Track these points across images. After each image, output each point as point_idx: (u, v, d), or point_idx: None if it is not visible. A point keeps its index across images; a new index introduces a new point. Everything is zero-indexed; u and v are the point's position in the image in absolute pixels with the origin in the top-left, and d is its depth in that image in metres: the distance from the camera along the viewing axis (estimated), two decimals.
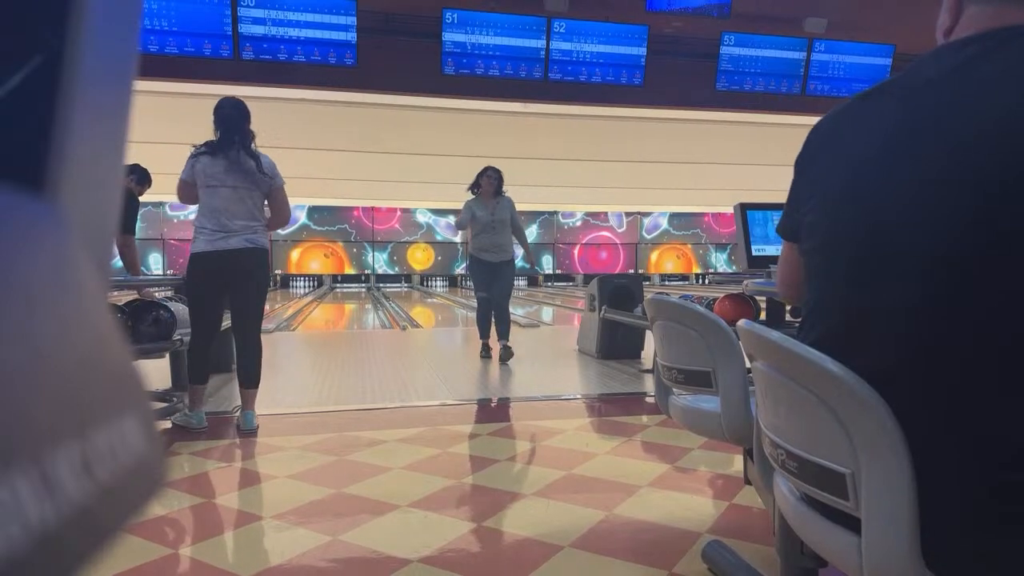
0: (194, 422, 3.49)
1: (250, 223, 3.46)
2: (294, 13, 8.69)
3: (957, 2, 0.98)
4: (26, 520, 0.20)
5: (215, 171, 3.41)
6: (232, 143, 3.44)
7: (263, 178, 3.49)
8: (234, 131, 3.46)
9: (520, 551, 2.07)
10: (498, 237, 5.69)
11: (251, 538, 2.24)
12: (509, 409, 4.16)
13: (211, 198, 3.41)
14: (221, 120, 3.48)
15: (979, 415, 0.83)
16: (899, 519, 0.85)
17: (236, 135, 3.46)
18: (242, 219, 3.43)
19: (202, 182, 3.42)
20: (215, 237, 3.40)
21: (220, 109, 3.50)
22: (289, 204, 3.68)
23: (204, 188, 3.42)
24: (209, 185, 3.41)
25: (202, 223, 3.44)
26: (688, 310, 1.79)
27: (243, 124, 3.49)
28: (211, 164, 3.42)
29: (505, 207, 5.74)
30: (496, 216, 5.68)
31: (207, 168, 3.41)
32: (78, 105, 0.26)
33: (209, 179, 3.41)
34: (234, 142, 3.44)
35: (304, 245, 20.45)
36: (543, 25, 9.35)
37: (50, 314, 0.23)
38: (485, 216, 5.67)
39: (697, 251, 23.19)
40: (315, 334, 9.21)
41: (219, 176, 3.41)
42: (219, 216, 3.40)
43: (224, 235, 3.40)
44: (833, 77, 10.33)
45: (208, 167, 3.41)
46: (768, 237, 2.76)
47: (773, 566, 1.63)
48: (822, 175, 1.05)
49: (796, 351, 0.96)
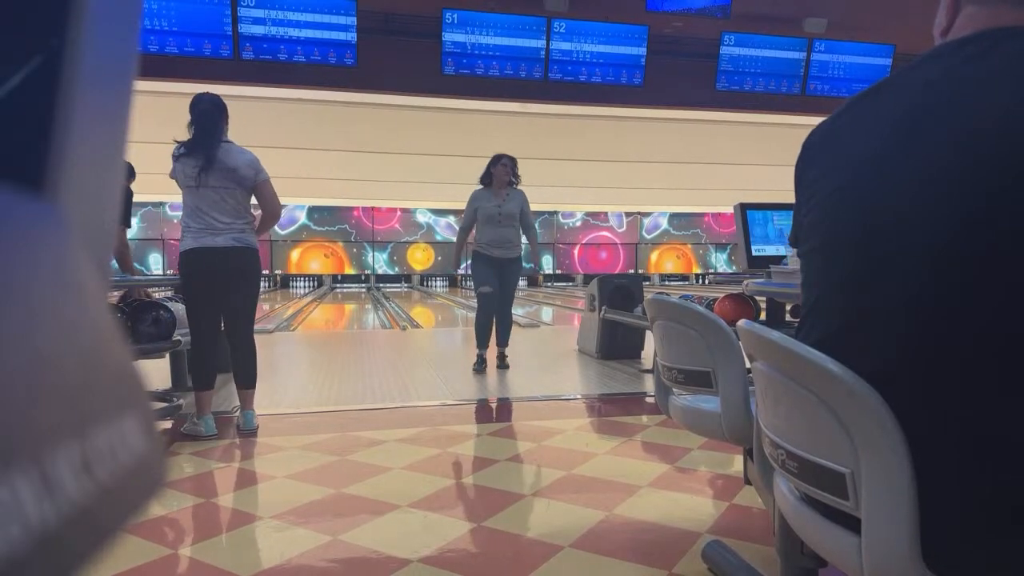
0: (202, 430, 3.39)
1: (236, 221, 3.40)
2: (294, 13, 8.69)
3: (954, 2, 0.98)
4: (26, 520, 0.20)
5: (191, 171, 3.34)
6: (209, 142, 3.35)
7: (247, 175, 3.41)
8: (211, 129, 3.36)
9: (520, 551, 2.07)
10: (505, 231, 5.24)
11: (251, 538, 2.24)
12: (509, 409, 4.16)
13: (193, 198, 3.36)
14: (197, 116, 3.38)
15: (979, 415, 0.83)
16: (899, 519, 0.85)
17: (213, 133, 3.36)
18: (227, 218, 3.37)
19: (182, 182, 3.37)
20: (201, 235, 3.35)
21: (197, 105, 3.39)
22: (278, 198, 3.58)
23: (185, 188, 3.37)
24: (188, 186, 3.36)
25: (187, 223, 3.40)
26: (688, 310, 1.79)
27: (220, 121, 3.40)
28: (189, 164, 3.34)
29: (515, 200, 5.28)
30: (504, 209, 5.22)
31: (186, 168, 3.35)
32: (78, 105, 0.26)
33: (187, 179, 3.35)
34: (211, 141, 3.35)
35: (304, 245, 20.45)
36: (543, 25, 9.35)
37: (50, 314, 0.23)
38: (491, 208, 5.23)
39: (697, 251, 23.19)
40: (315, 334, 9.21)
41: (196, 176, 3.34)
42: (202, 216, 3.35)
43: (211, 233, 3.35)
44: (833, 77, 10.33)
45: (187, 167, 3.35)
46: (768, 237, 2.76)
47: (773, 566, 1.63)
48: (820, 176, 1.05)
49: (796, 351, 0.96)
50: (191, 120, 3.40)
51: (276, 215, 3.64)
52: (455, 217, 21.35)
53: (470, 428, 3.63)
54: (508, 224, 5.24)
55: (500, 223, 5.21)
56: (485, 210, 5.25)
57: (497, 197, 5.26)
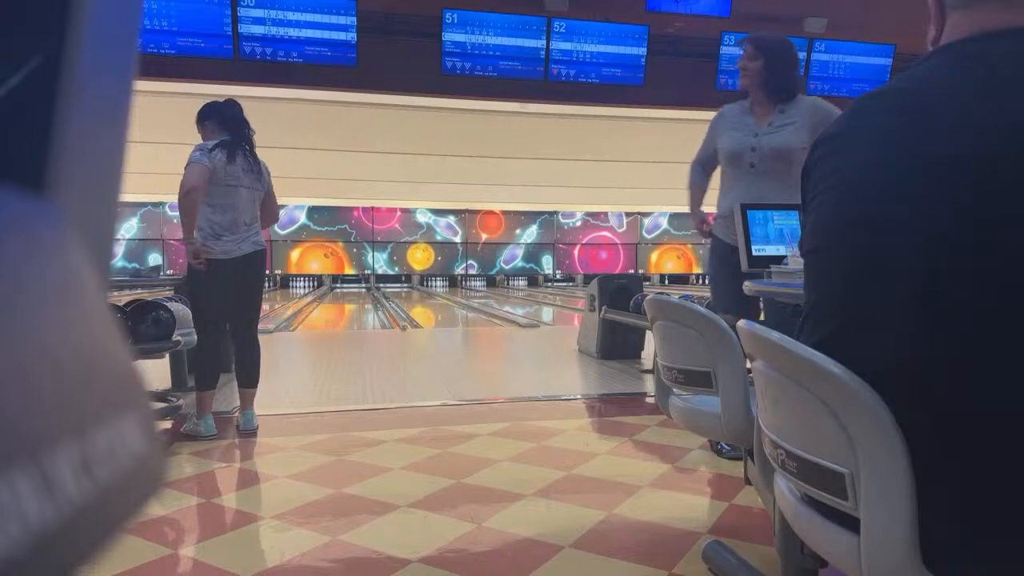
0: (202, 430, 3.40)
1: (255, 224, 3.56)
2: (294, 13, 8.69)
3: (939, 12, 0.99)
4: (26, 520, 0.20)
5: (234, 170, 3.42)
6: (243, 144, 3.50)
7: (265, 179, 3.60)
8: (244, 132, 3.52)
9: (520, 551, 2.07)
10: (765, 183, 2.89)
11: (251, 538, 2.24)
12: (509, 409, 4.16)
13: (231, 198, 3.42)
14: (229, 121, 3.51)
15: (978, 415, 0.83)
16: (898, 519, 0.85)
17: (247, 135, 3.53)
18: (252, 219, 3.52)
19: (220, 179, 3.39)
20: (233, 242, 3.43)
21: (226, 110, 3.54)
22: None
23: (224, 187, 3.40)
24: (229, 184, 3.41)
25: (219, 224, 3.41)
26: (688, 310, 1.79)
27: (247, 125, 3.56)
28: (229, 163, 3.41)
29: (796, 119, 2.86)
30: (766, 142, 2.89)
31: (226, 167, 3.39)
32: (78, 105, 0.26)
33: (229, 178, 3.40)
34: (245, 144, 3.51)
35: (304, 245, 20.45)
36: (543, 25, 9.35)
37: (50, 314, 0.23)
38: (742, 141, 2.95)
39: (697, 251, 23.19)
40: (315, 334, 9.21)
41: (238, 175, 3.43)
42: (238, 217, 3.44)
43: (236, 239, 3.44)
44: (833, 77, 10.33)
45: (225, 166, 3.40)
46: (768, 237, 2.76)
47: (773, 566, 1.63)
48: (824, 177, 1.05)
49: (796, 351, 0.96)
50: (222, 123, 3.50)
51: (278, 217, 3.89)
52: (455, 217, 21.38)
53: (470, 428, 3.63)
54: (771, 172, 2.89)
55: (754, 169, 2.93)
56: (728, 147, 3.01)
57: (757, 117, 2.95)
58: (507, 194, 19.17)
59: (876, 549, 0.88)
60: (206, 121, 3.54)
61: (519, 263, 22.18)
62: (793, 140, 2.85)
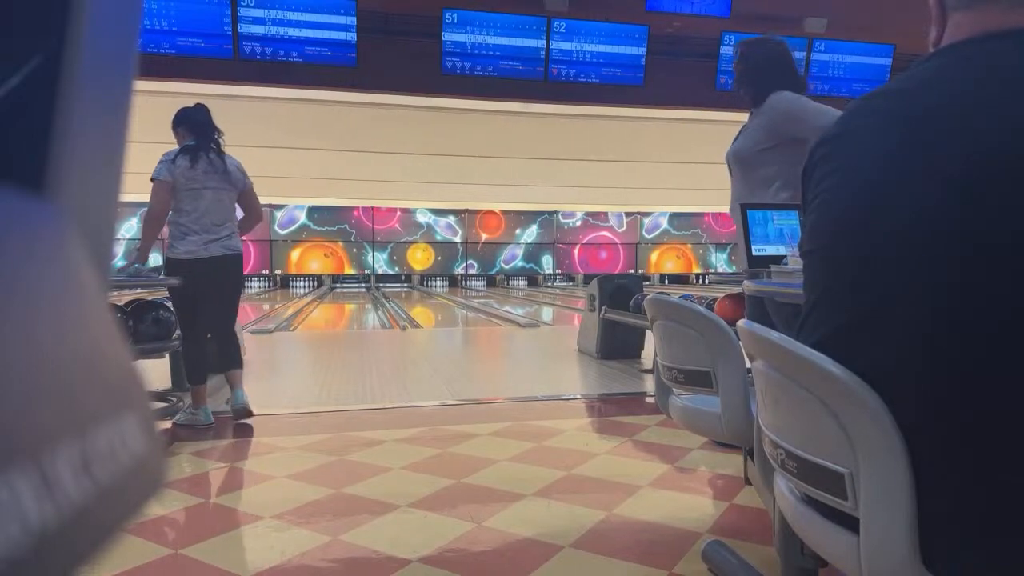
0: (201, 418, 3.52)
1: (227, 224, 3.59)
2: (294, 13, 8.69)
3: (940, 14, 0.99)
4: (26, 520, 0.20)
5: (195, 174, 3.49)
6: (209, 145, 3.56)
7: (239, 178, 3.65)
8: (211, 133, 3.58)
9: (520, 551, 2.07)
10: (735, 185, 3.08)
11: (251, 538, 2.24)
12: (509, 409, 4.16)
13: (196, 201, 3.49)
14: (196, 125, 3.59)
15: (978, 415, 0.83)
16: (898, 519, 0.85)
17: (213, 137, 3.58)
18: (222, 221, 3.55)
19: (183, 185, 3.48)
20: (198, 243, 3.48)
21: (191, 116, 3.62)
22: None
23: (186, 191, 3.49)
24: (191, 188, 3.48)
25: (186, 226, 3.49)
26: (688, 310, 1.79)
27: (214, 128, 3.63)
28: (191, 167, 3.48)
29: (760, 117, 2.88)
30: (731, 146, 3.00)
31: (186, 172, 3.48)
32: (78, 105, 0.26)
33: (191, 182, 3.48)
34: (211, 145, 3.56)
35: (304, 245, 20.45)
36: (543, 25, 9.36)
37: (50, 314, 0.23)
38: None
39: (697, 251, 23.19)
40: (315, 334, 9.21)
41: (200, 179, 3.49)
42: (202, 218, 3.49)
43: (206, 241, 3.49)
44: (833, 77, 10.33)
45: (187, 170, 3.48)
46: (768, 237, 2.76)
47: (773, 566, 1.63)
48: (825, 177, 1.05)
49: (796, 351, 0.96)
50: (188, 127, 3.60)
51: (260, 219, 3.92)
52: (455, 217, 21.39)
53: (470, 428, 3.63)
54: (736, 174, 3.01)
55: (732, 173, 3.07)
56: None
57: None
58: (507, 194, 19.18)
59: (876, 549, 0.88)
60: (178, 127, 3.64)
61: (519, 263, 22.19)
62: (744, 144, 2.92)
